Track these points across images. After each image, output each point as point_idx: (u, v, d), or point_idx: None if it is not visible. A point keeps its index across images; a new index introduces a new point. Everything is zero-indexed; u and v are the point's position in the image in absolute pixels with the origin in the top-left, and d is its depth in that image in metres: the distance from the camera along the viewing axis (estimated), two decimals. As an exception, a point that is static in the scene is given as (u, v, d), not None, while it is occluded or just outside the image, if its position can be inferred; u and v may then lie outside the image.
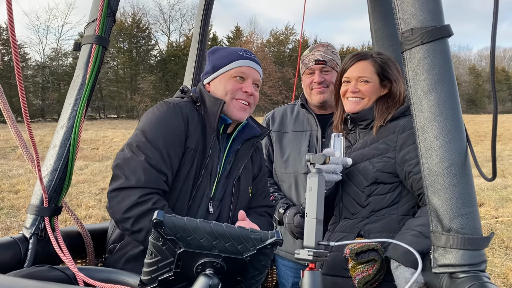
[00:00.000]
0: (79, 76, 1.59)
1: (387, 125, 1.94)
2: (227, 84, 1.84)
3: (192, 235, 1.14)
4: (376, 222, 1.89)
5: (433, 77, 1.34)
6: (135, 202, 1.54)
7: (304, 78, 2.61)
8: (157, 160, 1.62)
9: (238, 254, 1.18)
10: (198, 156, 1.75)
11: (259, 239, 1.18)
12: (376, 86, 2.00)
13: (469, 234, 1.30)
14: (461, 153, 1.33)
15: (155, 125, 1.68)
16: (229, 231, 1.16)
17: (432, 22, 1.34)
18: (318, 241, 1.14)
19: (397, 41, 2.57)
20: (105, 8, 1.54)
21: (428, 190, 1.37)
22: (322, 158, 1.22)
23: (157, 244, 1.15)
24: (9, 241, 1.47)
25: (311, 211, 1.13)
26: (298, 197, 2.50)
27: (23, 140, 1.52)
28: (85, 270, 1.37)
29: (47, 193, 1.51)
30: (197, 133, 1.76)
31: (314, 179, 1.16)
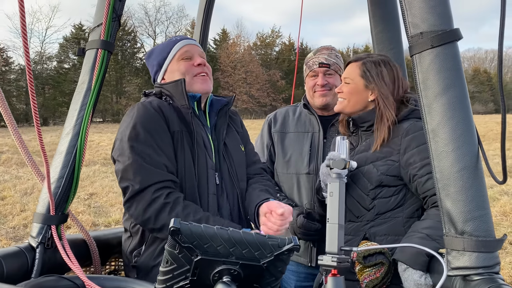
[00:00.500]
0: (85, 81, 1.56)
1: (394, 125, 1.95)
2: (180, 68, 1.92)
3: (209, 242, 1.12)
4: (381, 225, 1.89)
5: (443, 80, 1.35)
6: (148, 203, 1.62)
7: (307, 80, 2.63)
8: (151, 156, 1.67)
9: (255, 260, 1.16)
10: (185, 135, 1.81)
11: (276, 245, 1.17)
12: (358, 88, 2.03)
13: (483, 237, 1.30)
14: (473, 156, 1.33)
15: (134, 126, 1.72)
16: (246, 237, 1.15)
17: (442, 26, 1.35)
18: (340, 246, 1.13)
19: (397, 44, 2.63)
20: (110, 13, 1.52)
21: (441, 193, 1.37)
22: (342, 163, 1.21)
23: (173, 252, 1.13)
24: (16, 251, 1.43)
25: (333, 216, 1.12)
26: (300, 197, 2.50)
27: (25, 147, 1.49)
28: (95, 279, 1.35)
29: (54, 201, 1.48)
30: (174, 117, 1.81)
31: (335, 185, 1.15)
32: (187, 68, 1.92)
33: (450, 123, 1.34)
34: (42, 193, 1.54)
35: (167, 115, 1.79)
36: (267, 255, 1.16)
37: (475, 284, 1.27)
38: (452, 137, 1.34)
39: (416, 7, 1.37)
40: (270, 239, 1.16)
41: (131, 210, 1.65)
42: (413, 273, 1.63)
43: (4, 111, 1.38)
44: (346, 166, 1.21)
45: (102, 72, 1.56)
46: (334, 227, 1.13)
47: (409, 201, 1.91)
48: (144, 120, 1.73)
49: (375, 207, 1.90)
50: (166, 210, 1.62)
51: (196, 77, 1.92)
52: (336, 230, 1.13)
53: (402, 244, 1.33)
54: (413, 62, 1.41)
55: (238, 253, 1.14)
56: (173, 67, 1.94)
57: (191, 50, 1.97)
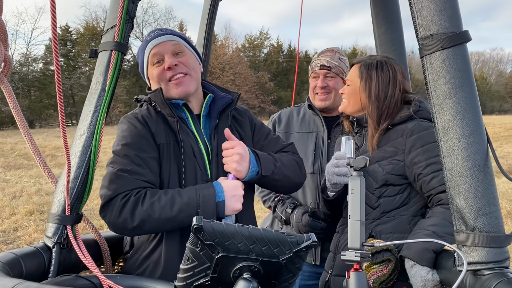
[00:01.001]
0: (98, 83, 1.58)
1: (395, 128, 1.99)
2: (153, 74, 1.82)
3: (230, 239, 1.15)
4: (387, 223, 1.92)
5: (454, 81, 1.38)
6: (120, 207, 1.57)
7: (310, 81, 2.69)
8: (129, 166, 1.63)
9: (275, 257, 1.19)
10: (174, 147, 1.74)
11: (295, 242, 1.19)
12: (355, 89, 2.08)
13: (493, 232, 1.34)
14: (483, 154, 1.37)
15: (120, 140, 1.69)
16: (266, 234, 1.17)
17: (452, 28, 1.38)
18: (362, 242, 1.16)
19: (400, 45, 2.67)
20: (124, 15, 1.54)
21: (451, 190, 1.41)
22: (363, 162, 1.24)
23: (195, 249, 1.15)
24: (32, 250, 1.44)
25: (354, 213, 1.15)
26: (305, 197, 2.53)
27: (36, 148, 1.50)
28: (112, 278, 1.36)
29: (70, 201, 1.49)
30: (161, 128, 1.75)
31: (356, 182, 1.18)
32: (159, 75, 1.81)
33: (460, 123, 1.38)
34: (56, 194, 1.56)
35: (152, 127, 1.73)
36: (286, 251, 1.18)
37: (486, 278, 1.30)
38: (462, 136, 1.37)
39: (426, 9, 1.41)
40: (289, 236, 1.18)
41: (106, 218, 1.61)
42: (420, 269, 1.66)
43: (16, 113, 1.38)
44: (367, 164, 1.24)
45: (116, 73, 1.58)
46: (356, 223, 1.16)
47: (414, 200, 1.94)
48: (128, 134, 1.70)
49: (380, 206, 1.93)
50: (138, 204, 1.57)
51: (170, 83, 1.80)
52: (358, 226, 1.16)
53: (413, 240, 1.36)
54: (423, 63, 1.44)
55: (258, 250, 1.16)
56: (150, 73, 1.85)
57: (160, 51, 1.80)
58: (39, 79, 41.28)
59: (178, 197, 1.60)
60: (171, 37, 1.83)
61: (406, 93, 2.09)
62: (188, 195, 1.62)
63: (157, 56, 1.79)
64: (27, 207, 7.98)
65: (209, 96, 1.92)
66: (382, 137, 2.00)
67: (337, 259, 2.01)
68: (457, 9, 1.40)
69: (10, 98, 1.16)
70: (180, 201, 1.59)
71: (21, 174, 11.96)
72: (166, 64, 1.78)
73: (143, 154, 1.67)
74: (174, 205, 1.58)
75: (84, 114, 1.59)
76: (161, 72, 1.79)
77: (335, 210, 2.16)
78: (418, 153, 1.87)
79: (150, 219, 1.57)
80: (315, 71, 2.62)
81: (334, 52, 2.64)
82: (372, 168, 1.96)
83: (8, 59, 1.03)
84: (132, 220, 1.56)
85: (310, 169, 2.52)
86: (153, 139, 1.71)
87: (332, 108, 2.62)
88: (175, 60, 1.79)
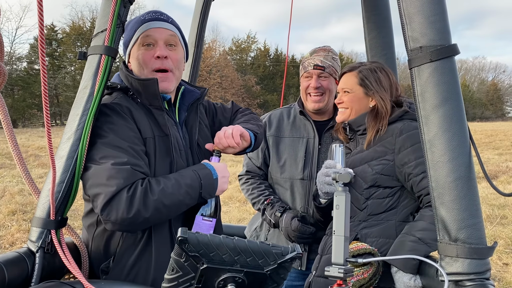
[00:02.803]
0: (87, 86, 1.56)
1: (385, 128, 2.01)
2: (139, 56, 1.73)
3: (215, 251, 1.15)
4: (374, 226, 1.94)
5: (441, 93, 1.39)
6: (129, 199, 1.48)
7: (302, 81, 2.62)
8: (126, 157, 1.54)
9: (259, 268, 1.19)
10: (159, 141, 1.68)
11: (280, 254, 1.20)
12: (358, 96, 2.10)
13: (475, 244, 1.36)
14: (468, 166, 1.38)
15: (105, 129, 1.59)
16: (251, 246, 1.17)
17: (441, 41, 1.39)
18: (346, 258, 1.17)
19: (390, 50, 2.68)
20: (115, 19, 1.52)
21: (436, 201, 1.42)
22: (348, 177, 1.25)
23: (179, 260, 1.15)
24: (15, 256, 1.42)
25: (339, 228, 1.16)
26: (294, 201, 2.53)
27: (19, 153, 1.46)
28: (96, 284, 1.35)
29: (55, 205, 1.48)
30: (145, 121, 1.68)
31: (341, 198, 1.18)
32: (145, 59, 1.72)
33: (446, 135, 1.39)
34: (41, 198, 1.54)
35: (138, 120, 1.66)
36: (270, 263, 1.19)
37: (468, 289, 1.33)
38: (448, 148, 1.39)
39: (416, 21, 1.41)
40: (273, 247, 1.19)
41: (112, 216, 1.48)
42: (403, 276, 1.69)
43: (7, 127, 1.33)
44: (352, 180, 1.25)
45: (105, 77, 1.55)
46: (340, 239, 1.17)
47: (402, 204, 1.95)
48: (117, 123, 1.60)
49: (368, 207, 1.94)
50: (147, 193, 1.50)
51: (154, 73, 1.73)
52: (342, 242, 1.17)
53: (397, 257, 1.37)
54: (412, 75, 1.46)
55: (243, 261, 1.16)
56: (134, 52, 1.75)
57: (154, 36, 1.72)
58: (22, 78, 40.63)
59: (182, 180, 1.58)
60: (170, 26, 1.79)
61: (397, 95, 2.12)
62: (189, 176, 1.61)
63: (149, 39, 1.73)
64: (10, 207, 7.84)
65: (182, 88, 1.91)
66: (373, 140, 2.02)
67: (322, 260, 2.03)
68: (447, 22, 1.41)
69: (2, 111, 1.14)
70: (185, 183, 1.57)
71: (3, 174, 11.73)
72: (157, 52, 1.71)
73: (136, 147, 1.60)
74: (181, 189, 1.56)
75: (71, 118, 1.57)
76: (148, 57, 1.72)
77: (328, 216, 2.17)
78: (408, 152, 1.89)
79: (162, 207, 1.52)
80: (308, 70, 2.55)
81: (327, 51, 2.58)
82: (361, 168, 1.97)
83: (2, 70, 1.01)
84: (146, 211, 1.49)
85: (300, 175, 2.51)
86: (140, 133, 1.65)
87: (324, 110, 2.60)
88: (167, 51, 1.74)
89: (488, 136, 23.33)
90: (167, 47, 1.76)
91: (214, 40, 52.87)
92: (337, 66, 2.58)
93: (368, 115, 2.07)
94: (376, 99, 2.06)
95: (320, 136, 2.57)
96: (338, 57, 2.63)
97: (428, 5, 1.40)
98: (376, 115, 2.04)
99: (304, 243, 2.44)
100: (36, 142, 19.75)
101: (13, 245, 6.08)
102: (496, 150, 18.11)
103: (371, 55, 2.63)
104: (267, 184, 2.65)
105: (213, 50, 50.84)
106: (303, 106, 2.65)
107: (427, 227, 1.76)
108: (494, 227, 6.83)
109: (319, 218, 2.26)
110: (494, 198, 8.56)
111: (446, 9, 1.41)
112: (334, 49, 2.67)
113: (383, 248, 1.87)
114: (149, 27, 1.73)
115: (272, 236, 2.61)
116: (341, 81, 2.18)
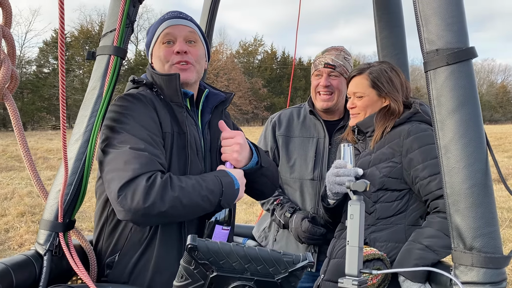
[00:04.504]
0: (96, 87, 1.54)
1: (392, 130, 1.98)
2: (160, 53, 1.77)
3: (225, 259, 1.13)
4: (382, 230, 1.90)
5: (458, 98, 1.35)
6: (146, 188, 1.42)
7: (312, 79, 2.58)
8: (144, 144, 1.52)
9: (270, 277, 1.17)
10: (176, 138, 1.68)
11: (291, 262, 1.17)
12: (372, 99, 2.06)
13: (491, 253, 1.32)
14: (484, 173, 1.35)
15: (127, 116, 1.58)
16: (261, 254, 1.15)
17: (458, 44, 1.35)
18: (360, 269, 1.14)
19: (402, 50, 2.64)
20: (124, 19, 1.50)
21: (451, 208, 1.39)
22: (363, 186, 1.22)
23: (189, 267, 1.13)
24: (23, 259, 1.41)
25: (353, 239, 1.13)
26: (303, 202, 2.50)
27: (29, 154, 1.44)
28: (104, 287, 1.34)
29: (63, 207, 1.46)
30: (167, 117, 1.69)
31: (356, 207, 1.15)
32: (166, 55, 1.75)
33: (462, 140, 1.35)
34: (49, 200, 1.53)
35: (160, 113, 1.66)
36: (281, 271, 1.16)
37: (483, 300, 1.29)
38: (464, 154, 1.35)
39: (432, 23, 1.37)
40: (285, 256, 1.16)
41: (126, 202, 1.41)
42: (411, 285, 1.66)
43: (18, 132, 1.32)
44: (367, 188, 1.22)
45: (114, 78, 1.54)
46: (354, 249, 1.14)
47: (412, 208, 1.92)
48: (139, 111, 1.60)
49: (376, 211, 1.91)
50: (167, 187, 1.45)
51: (174, 66, 1.76)
52: (356, 252, 1.14)
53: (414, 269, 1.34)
54: (427, 78, 1.42)
55: (253, 269, 1.14)
56: (156, 51, 1.80)
57: (174, 33, 1.76)
58: (32, 81, 41.04)
59: (204, 183, 1.54)
60: (189, 23, 1.82)
61: (407, 95, 2.09)
62: (212, 181, 1.57)
63: (169, 37, 1.76)
64: (19, 209, 7.93)
65: (207, 90, 1.91)
66: (380, 140, 1.99)
67: (330, 264, 2.00)
68: (464, 24, 1.37)
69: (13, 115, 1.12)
70: (206, 187, 1.53)
71: (12, 176, 11.93)
72: (176, 47, 1.74)
73: (155, 137, 1.58)
74: (202, 191, 1.52)
75: (79, 119, 1.55)
76: (169, 53, 1.75)
77: (337, 217, 2.15)
78: (415, 154, 1.85)
79: (179, 205, 1.47)
80: (319, 69, 2.50)
81: (339, 50, 2.54)
82: (369, 171, 1.94)
83: (15, 74, 0.99)
84: (163, 205, 1.43)
85: (310, 175, 2.48)
86: (160, 126, 1.64)
87: (334, 109, 2.56)
88: (186, 46, 1.76)
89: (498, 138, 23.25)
90: (187, 43, 1.78)
91: (221, 43, 53.17)
92: (349, 66, 2.53)
93: (377, 114, 2.03)
94: (389, 100, 2.02)
95: (331, 136, 2.53)
96: (350, 57, 2.58)
97: (446, 7, 1.36)
98: (386, 114, 2.01)
99: (314, 244, 2.41)
100: (44, 144, 19.97)
101: (21, 246, 6.15)
102: (505, 152, 18.02)
103: (383, 55, 2.59)
104: None
105: (220, 53, 51.02)
106: (313, 106, 2.61)
107: (434, 234, 1.72)
108: (504, 230, 6.76)
109: (328, 219, 2.23)
110: (503, 200, 8.48)
111: (464, 11, 1.37)
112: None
113: (392, 252, 1.84)
114: (169, 25, 1.77)
115: (281, 237, 2.58)
116: (351, 84, 2.13)
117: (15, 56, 1.02)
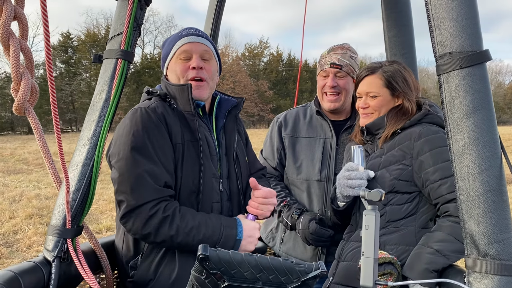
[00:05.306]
0: (103, 91, 1.52)
1: (403, 132, 1.95)
2: (176, 68, 1.86)
3: (236, 268, 1.11)
4: (393, 233, 1.88)
5: (471, 102, 1.33)
6: (146, 219, 1.58)
7: (318, 79, 2.53)
8: (151, 170, 1.62)
9: (282, 286, 1.15)
10: (188, 146, 1.75)
11: (304, 271, 1.15)
12: (386, 99, 2.03)
13: (506, 260, 1.30)
14: (498, 179, 1.32)
15: (136, 133, 1.65)
16: (273, 263, 1.13)
17: (472, 47, 1.32)
18: (375, 280, 1.12)
19: (410, 49, 2.60)
20: (131, 22, 1.47)
21: (464, 214, 1.36)
22: (378, 195, 1.20)
23: (200, 277, 1.11)
24: (32, 265, 1.40)
25: (368, 250, 1.11)
26: (311, 203, 2.48)
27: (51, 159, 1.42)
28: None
29: (70, 214, 1.45)
30: (178, 127, 1.76)
31: (371, 217, 1.13)
32: (182, 70, 1.85)
33: (476, 145, 1.33)
34: (56, 206, 1.51)
35: (170, 126, 1.73)
36: (293, 280, 1.15)
37: (498, 308, 1.27)
38: (478, 159, 1.33)
39: (445, 26, 1.34)
40: (297, 265, 1.15)
41: (128, 225, 1.62)
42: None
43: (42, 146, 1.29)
44: (382, 197, 1.20)
45: (122, 82, 1.52)
46: (370, 261, 1.12)
47: (422, 210, 1.89)
48: (148, 129, 1.67)
49: (386, 214, 1.89)
50: (166, 224, 1.60)
51: (189, 81, 1.85)
52: (372, 264, 1.12)
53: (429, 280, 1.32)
54: (440, 81, 1.39)
55: (265, 279, 1.13)
56: (172, 65, 1.88)
57: (191, 50, 1.86)
58: (39, 85, 40.60)
59: (204, 229, 1.65)
60: (205, 41, 1.92)
61: (417, 95, 2.06)
62: (213, 229, 1.67)
63: (186, 53, 1.85)
64: (27, 211, 7.97)
65: (218, 97, 2.00)
66: (390, 142, 1.96)
67: (339, 267, 1.98)
68: (478, 27, 1.33)
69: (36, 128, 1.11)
70: (204, 233, 1.65)
71: (20, 179, 11.99)
72: (193, 63, 1.83)
73: (162, 155, 1.67)
74: (197, 236, 1.63)
75: (86, 124, 1.53)
76: (185, 69, 1.84)
77: (346, 219, 2.13)
78: (426, 157, 1.83)
79: (172, 241, 1.62)
80: (325, 69, 2.45)
81: (345, 49, 2.47)
82: (379, 174, 1.92)
83: (34, 87, 0.99)
84: (155, 237, 1.61)
85: (317, 176, 2.45)
86: (170, 138, 1.72)
87: (341, 110, 2.53)
88: (202, 63, 1.86)
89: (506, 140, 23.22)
90: (202, 60, 1.88)
91: (227, 46, 53.06)
92: (355, 65, 2.48)
93: (388, 113, 2.00)
94: (402, 99, 2.00)
95: (338, 136, 2.50)
96: (356, 55, 2.52)
97: (459, 9, 1.33)
98: (398, 113, 1.99)
99: (322, 245, 2.39)
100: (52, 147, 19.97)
101: (30, 248, 6.18)
102: (514, 154, 18.03)
103: (391, 55, 2.55)
104: (283, 185, 2.60)
105: (226, 55, 51.01)
106: (319, 106, 2.57)
107: (445, 238, 1.70)
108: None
109: (336, 222, 2.21)
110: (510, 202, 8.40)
111: (478, 13, 1.34)
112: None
113: (402, 255, 1.81)
114: (186, 41, 1.87)
115: (288, 238, 2.57)
116: (362, 84, 2.08)
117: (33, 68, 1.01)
